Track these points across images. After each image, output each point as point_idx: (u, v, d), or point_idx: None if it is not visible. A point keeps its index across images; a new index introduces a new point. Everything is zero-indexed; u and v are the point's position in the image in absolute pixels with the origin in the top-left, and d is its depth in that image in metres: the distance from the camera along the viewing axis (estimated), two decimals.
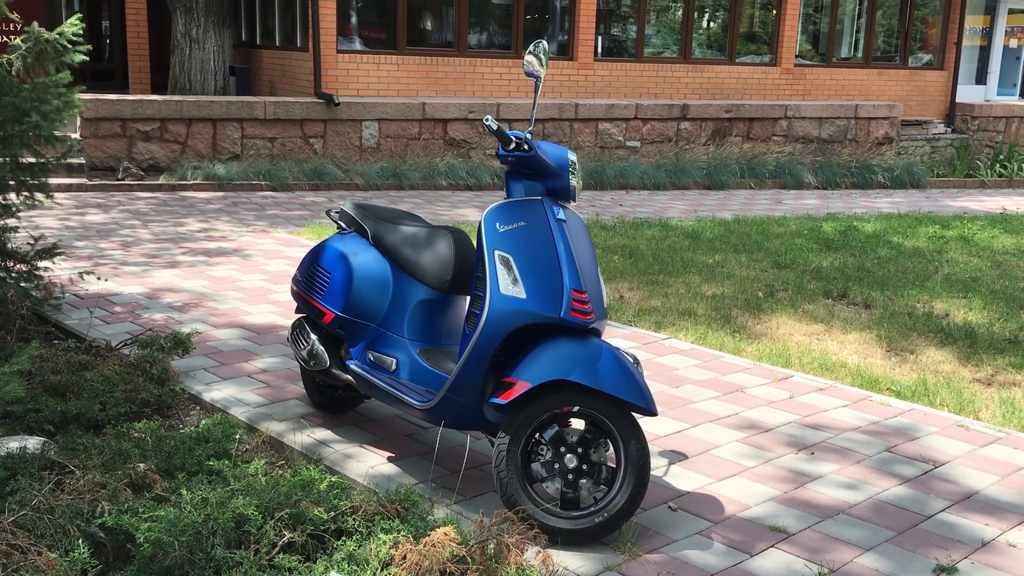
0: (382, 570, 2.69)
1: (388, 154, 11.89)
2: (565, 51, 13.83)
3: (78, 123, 10.82)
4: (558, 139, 12.62)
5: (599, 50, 14.16)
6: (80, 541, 2.72)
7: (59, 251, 5.53)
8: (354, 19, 12.82)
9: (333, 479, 3.23)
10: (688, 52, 14.68)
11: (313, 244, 7.27)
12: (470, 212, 9.90)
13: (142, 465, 3.27)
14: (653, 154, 13.28)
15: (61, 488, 3.10)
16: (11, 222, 5.29)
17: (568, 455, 3.19)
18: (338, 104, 11.49)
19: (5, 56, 5.10)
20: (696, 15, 14.93)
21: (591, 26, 13.68)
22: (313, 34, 12.05)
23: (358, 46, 12.80)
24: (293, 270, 6.89)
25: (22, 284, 5.29)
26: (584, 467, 3.19)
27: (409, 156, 11.94)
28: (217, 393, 4.45)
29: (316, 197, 10.63)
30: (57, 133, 5.18)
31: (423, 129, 12.00)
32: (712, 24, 15.44)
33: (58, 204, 9.38)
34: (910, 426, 4.37)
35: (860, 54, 16.29)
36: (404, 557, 2.69)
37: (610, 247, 8.10)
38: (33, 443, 3.49)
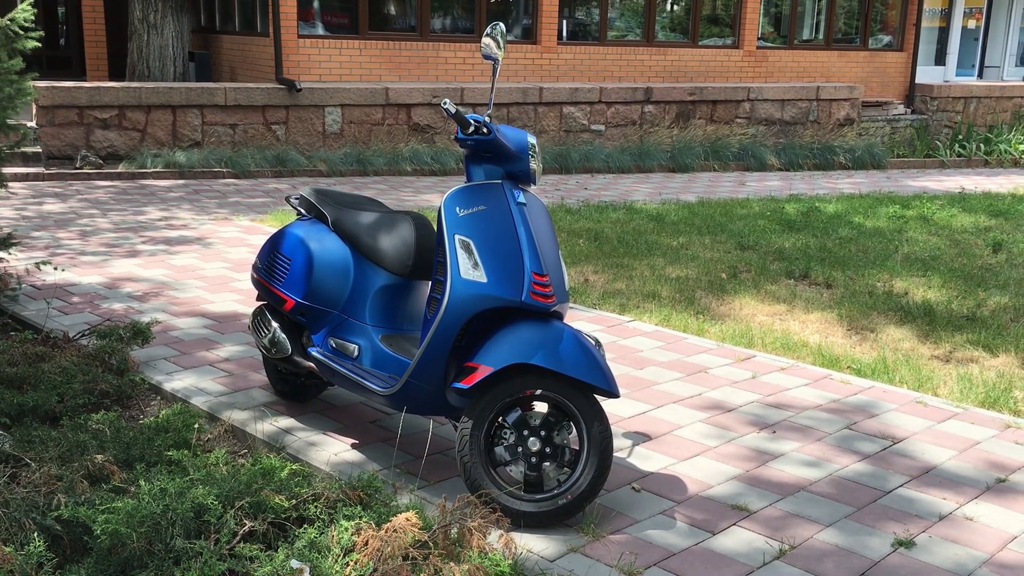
0: (344, 556, 2.68)
1: (352, 140, 11.80)
2: (529, 35, 13.79)
3: (34, 111, 10.62)
4: (522, 123, 12.59)
5: (563, 34, 14.13)
6: (36, 534, 2.68)
7: (15, 241, 5.44)
8: (315, 3, 12.69)
9: (294, 467, 3.21)
10: (651, 35, 14.69)
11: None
12: (435, 197, 9.86)
13: (100, 456, 3.23)
14: (618, 137, 13.29)
15: (16, 481, 3.05)
16: None
17: (531, 438, 3.19)
18: (300, 90, 11.38)
19: None
20: None
21: (554, 9, 13.65)
22: (273, 19, 11.90)
23: (320, 31, 12.67)
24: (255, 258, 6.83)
25: None
26: (547, 450, 3.20)
27: (373, 142, 11.85)
28: (178, 383, 4.40)
29: (279, 184, 10.53)
30: (10, 121, 5.09)
31: (387, 114, 11.92)
32: (675, 7, 15.46)
33: (14, 194, 9.22)
34: (870, 403, 4.43)
35: (821, 36, 16.39)
36: (366, 543, 2.68)
37: (575, 231, 8.10)
38: None
